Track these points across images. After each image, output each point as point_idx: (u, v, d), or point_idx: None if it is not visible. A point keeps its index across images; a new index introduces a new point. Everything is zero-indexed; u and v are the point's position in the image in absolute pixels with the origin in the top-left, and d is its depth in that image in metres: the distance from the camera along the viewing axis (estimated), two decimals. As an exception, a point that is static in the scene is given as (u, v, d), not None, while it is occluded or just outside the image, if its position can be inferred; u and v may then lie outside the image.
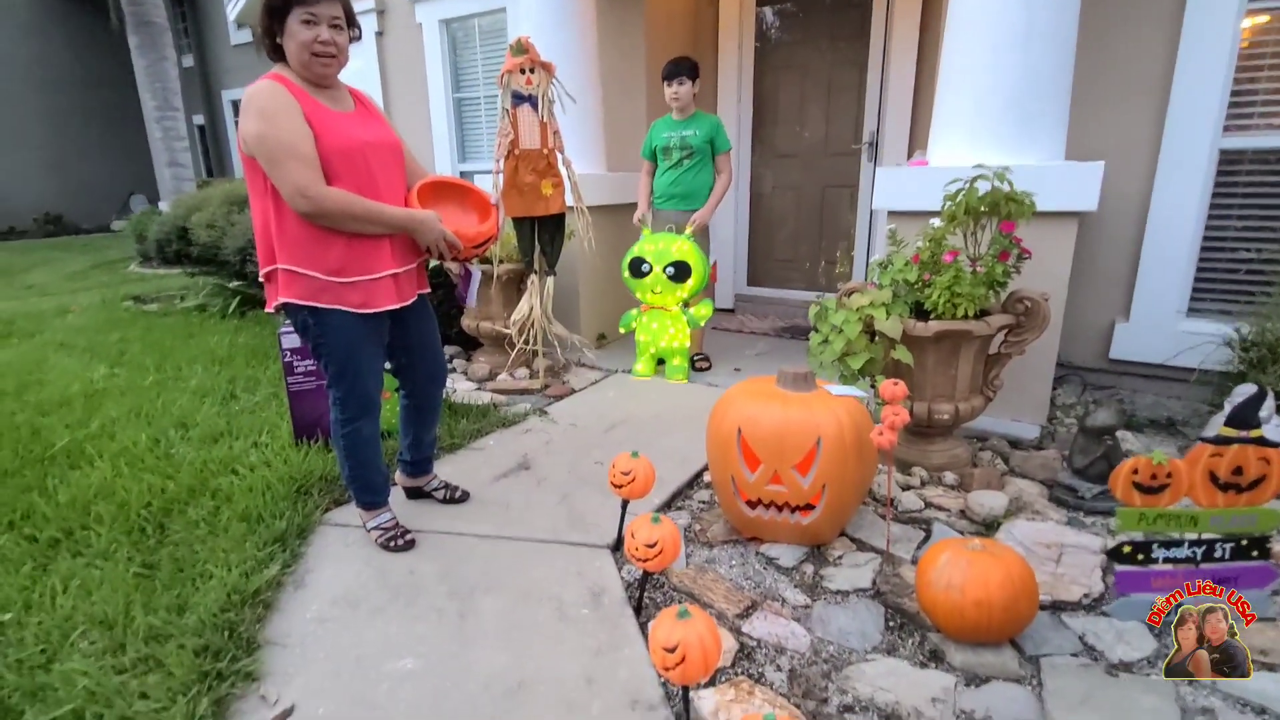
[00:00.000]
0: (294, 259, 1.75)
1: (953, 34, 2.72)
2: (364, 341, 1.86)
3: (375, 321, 1.87)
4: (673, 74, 3.43)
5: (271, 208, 1.73)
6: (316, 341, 1.84)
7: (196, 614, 1.66)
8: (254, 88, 1.68)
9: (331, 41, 1.71)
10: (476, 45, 5.31)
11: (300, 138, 1.66)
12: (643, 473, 1.94)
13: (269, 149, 1.65)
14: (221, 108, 12.48)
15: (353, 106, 1.86)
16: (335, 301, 1.78)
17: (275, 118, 1.64)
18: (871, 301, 2.30)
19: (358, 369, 1.87)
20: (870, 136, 4.46)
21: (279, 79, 1.71)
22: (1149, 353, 3.20)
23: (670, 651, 1.25)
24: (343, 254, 1.76)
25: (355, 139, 1.76)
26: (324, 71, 1.75)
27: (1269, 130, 2.96)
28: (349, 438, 1.94)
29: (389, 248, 1.84)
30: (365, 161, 1.78)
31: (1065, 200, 2.52)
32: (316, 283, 1.76)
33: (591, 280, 4.06)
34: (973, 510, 2.23)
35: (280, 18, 1.69)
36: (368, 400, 1.93)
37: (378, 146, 1.82)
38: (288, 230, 1.73)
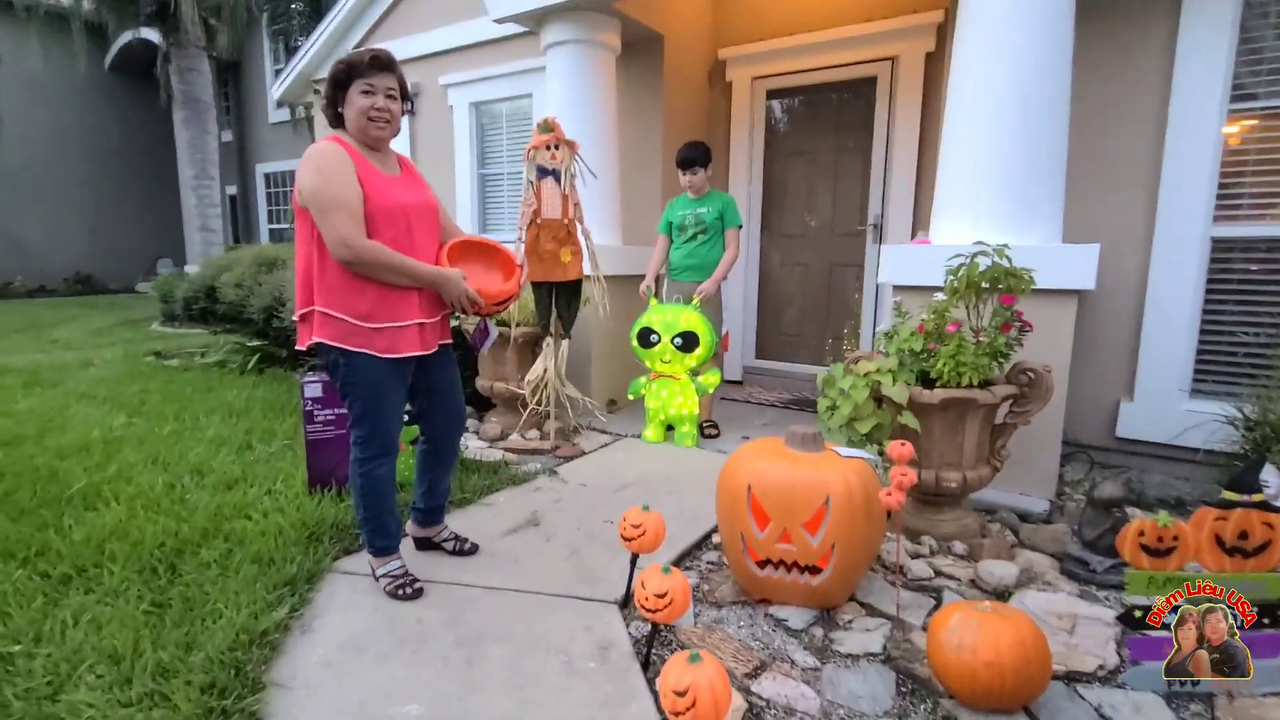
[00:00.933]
0: (329, 303, 1.89)
1: (952, 122, 2.92)
2: (388, 383, 1.96)
3: (400, 366, 1.98)
4: (687, 163, 3.69)
5: (315, 254, 1.89)
6: (344, 381, 1.94)
7: (204, 652, 1.65)
8: (316, 147, 1.88)
9: (386, 109, 1.92)
10: (503, 127, 5.65)
11: (350, 194, 1.84)
12: (653, 526, 1.96)
13: (321, 201, 1.82)
14: (254, 180, 13.11)
15: (399, 171, 2.06)
16: (363, 345, 1.90)
17: (330, 174, 1.83)
18: (878, 368, 2.38)
19: (380, 410, 1.97)
20: (875, 218, 4.66)
21: (339, 140, 1.91)
22: (1154, 432, 3.23)
23: (681, 695, 1.25)
24: (374, 302, 1.90)
25: (398, 200, 1.94)
26: (378, 135, 1.94)
27: (1257, 221, 3.10)
28: (366, 477, 2.00)
29: (416, 299, 1.98)
30: (405, 220, 1.95)
31: (1064, 279, 2.63)
32: (347, 326, 1.89)
33: (604, 347, 4.16)
34: (983, 579, 2.21)
35: (343, 87, 1.92)
36: (388, 441, 2.01)
37: (417, 208, 2.00)
38: (327, 276, 1.88)
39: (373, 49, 1.94)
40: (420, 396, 2.15)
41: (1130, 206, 3.28)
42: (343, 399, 1.99)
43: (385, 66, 1.93)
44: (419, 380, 2.09)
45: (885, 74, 4.54)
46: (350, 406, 1.98)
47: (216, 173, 9.46)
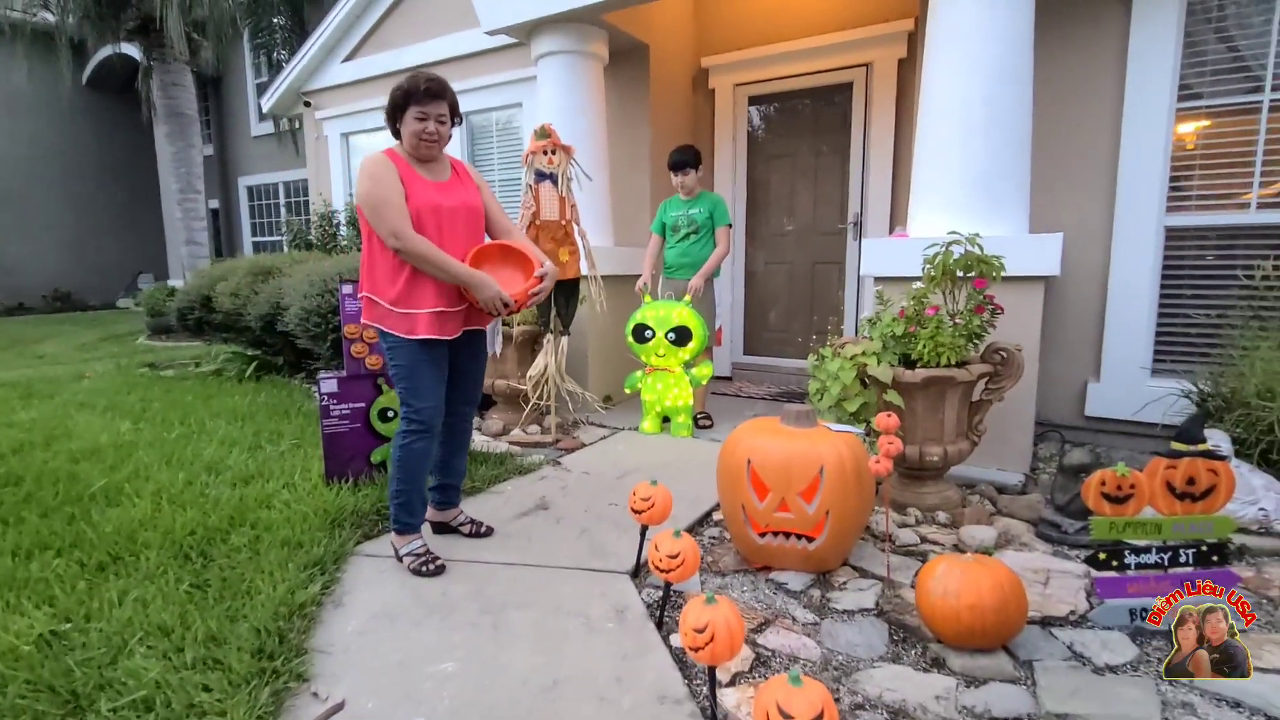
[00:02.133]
0: (373, 289, 2.19)
1: (925, 124, 3.12)
2: (421, 364, 2.17)
3: (433, 349, 2.19)
4: (679, 166, 3.87)
5: (369, 249, 2.20)
6: (390, 361, 2.21)
7: (249, 622, 1.77)
8: (369, 158, 2.15)
9: (436, 133, 2.17)
10: (494, 135, 5.80)
11: (395, 195, 2.09)
12: (661, 499, 2.10)
13: (371, 201, 2.09)
14: (237, 193, 13.09)
15: (448, 175, 2.27)
16: (391, 327, 2.16)
17: (380, 179, 2.10)
18: (864, 351, 2.55)
19: (416, 386, 2.18)
20: (854, 217, 4.87)
21: (389, 153, 2.19)
22: (1120, 409, 3.45)
23: (700, 632, 1.40)
24: (401, 291, 2.15)
25: (432, 203, 2.16)
26: (427, 154, 2.21)
27: (1203, 211, 3.34)
28: (404, 450, 2.19)
29: (433, 290, 2.18)
30: (437, 221, 2.17)
31: (1031, 266, 2.83)
32: (382, 309, 2.18)
33: (600, 344, 4.31)
34: (965, 543, 2.39)
35: (401, 110, 2.16)
36: (428, 419, 2.20)
37: (451, 210, 2.20)
38: (373, 267, 2.19)
39: (428, 75, 2.16)
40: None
41: (1091, 200, 3.51)
42: (392, 377, 2.24)
43: (438, 95, 2.14)
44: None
45: (860, 79, 4.76)
46: (396, 384, 2.21)
47: (202, 186, 9.48)
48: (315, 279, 4.24)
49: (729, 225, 3.96)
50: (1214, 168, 3.32)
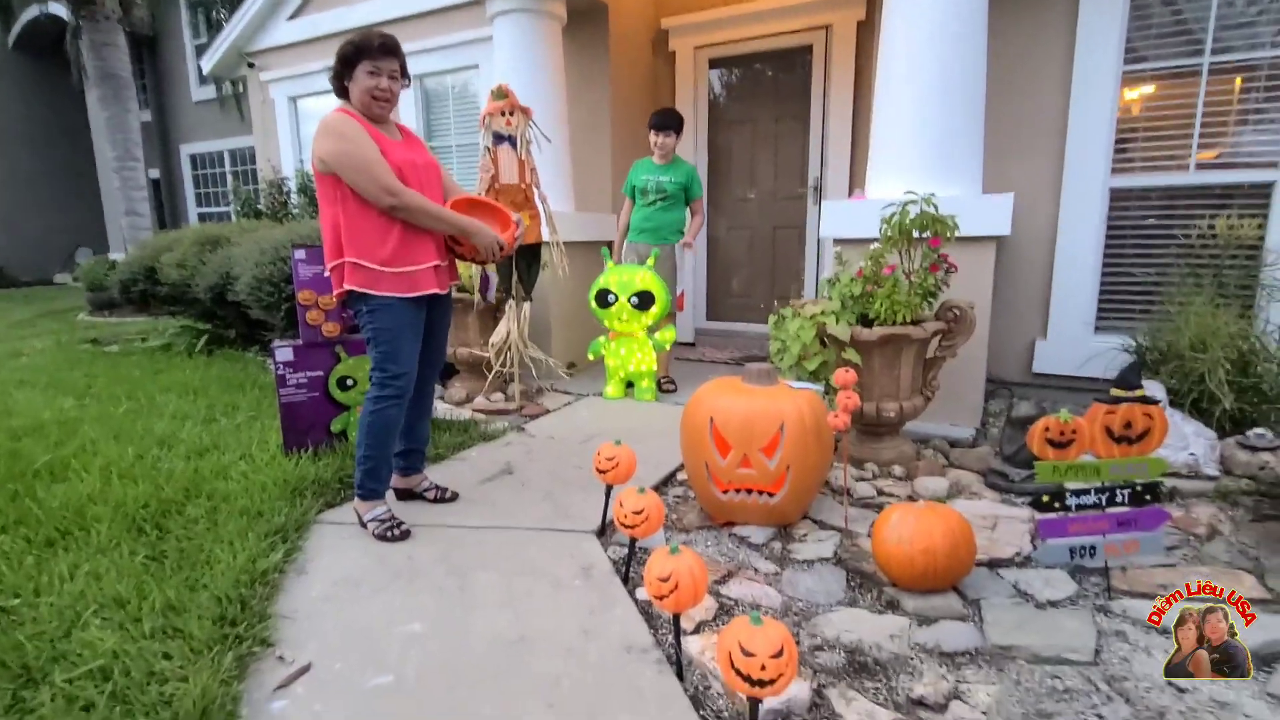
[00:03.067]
0: (357, 253, 2.09)
1: (883, 88, 3.14)
2: (406, 328, 2.15)
3: (416, 310, 2.17)
4: (663, 126, 3.79)
5: (341, 212, 2.08)
6: (369, 325, 2.14)
7: (210, 590, 1.75)
8: (331, 117, 2.06)
9: (389, 89, 2.10)
10: (449, 98, 5.64)
11: (377, 151, 2.03)
12: (625, 459, 2.13)
13: (355, 160, 2.01)
14: (179, 161, 12.50)
15: (399, 137, 2.22)
16: (389, 289, 2.10)
17: (354, 138, 2.02)
18: (823, 310, 2.60)
19: (400, 352, 2.15)
20: (814, 181, 4.90)
21: (347, 112, 2.09)
22: (1066, 365, 3.58)
23: (664, 581, 1.43)
24: (394, 249, 2.10)
25: (406, 160, 2.12)
26: (380, 113, 2.13)
27: (1146, 172, 3.45)
28: (376, 415, 2.16)
29: (432, 243, 2.17)
30: (415, 178, 2.13)
31: (983, 226, 2.89)
32: (373, 273, 2.09)
33: (562, 311, 4.29)
34: (919, 494, 2.48)
35: (350, 66, 2.08)
36: (404, 384, 2.18)
37: (422, 167, 2.19)
38: (353, 230, 2.08)
39: (380, 32, 2.09)
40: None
41: (1042, 162, 3.59)
42: (368, 345, 2.17)
43: (390, 51, 2.08)
44: None
45: (820, 42, 4.75)
46: (373, 349, 2.16)
47: (140, 153, 8.99)
48: (266, 247, 4.11)
49: (701, 197, 3.99)
50: (1157, 130, 3.42)
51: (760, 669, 1.16)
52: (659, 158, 3.88)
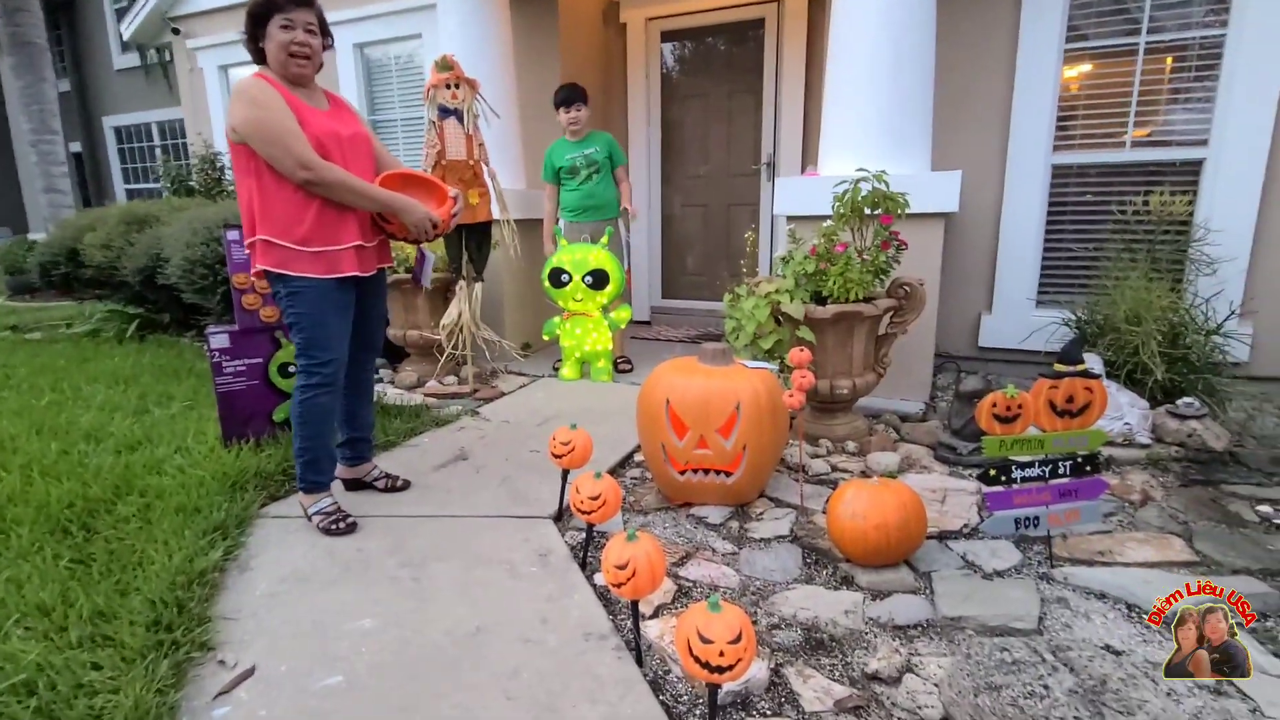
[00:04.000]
0: (270, 230, 1.94)
1: (834, 65, 3.12)
2: (330, 311, 2.02)
3: (341, 292, 2.03)
4: (569, 100, 3.72)
5: (255, 186, 1.93)
6: (288, 309, 2.00)
7: (143, 594, 1.66)
8: (243, 82, 1.90)
9: (306, 43, 1.95)
10: (393, 70, 5.41)
11: (292, 119, 1.88)
12: (581, 443, 2.09)
13: (267, 130, 1.86)
14: (103, 135, 11.74)
15: (326, 105, 2.08)
16: (304, 269, 1.96)
17: (267, 104, 1.87)
18: (777, 289, 2.59)
19: (323, 337, 2.02)
20: (767, 157, 4.89)
21: (264, 77, 1.93)
22: (1010, 339, 3.69)
23: (621, 568, 1.41)
24: (312, 227, 1.95)
25: (329, 130, 1.97)
26: (300, 71, 1.97)
27: (1085, 149, 3.55)
28: (306, 405, 2.05)
29: (355, 222, 2.03)
30: (339, 150, 1.99)
31: (932, 203, 2.92)
32: (288, 252, 1.95)
33: (515, 290, 4.20)
34: (871, 469, 2.52)
35: (262, 23, 1.93)
36: (332, 371, 2.06)
37: (349, 139, 2.04)
38: (268, 206, 1.94)
39: None
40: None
41: (987, 140, 3.65)
42: (288, 329, 2.04)
43: (304, 2, 1.94)
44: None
45: (772, 16, 4.71)
46: (295, 335, 2.03)
47: (59, 126, 8.39)
48: (198, 226, 3.89)
49: (625, 163, 3.98)
50: (1096, 108, 3.51)
51: (719, 655, 1.15)
52: (572, 134, 3.83)
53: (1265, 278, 3.23)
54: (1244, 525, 2.09)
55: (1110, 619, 1.66)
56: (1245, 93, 3.16)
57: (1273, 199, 3.18)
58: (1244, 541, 1.98)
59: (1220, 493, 2.32)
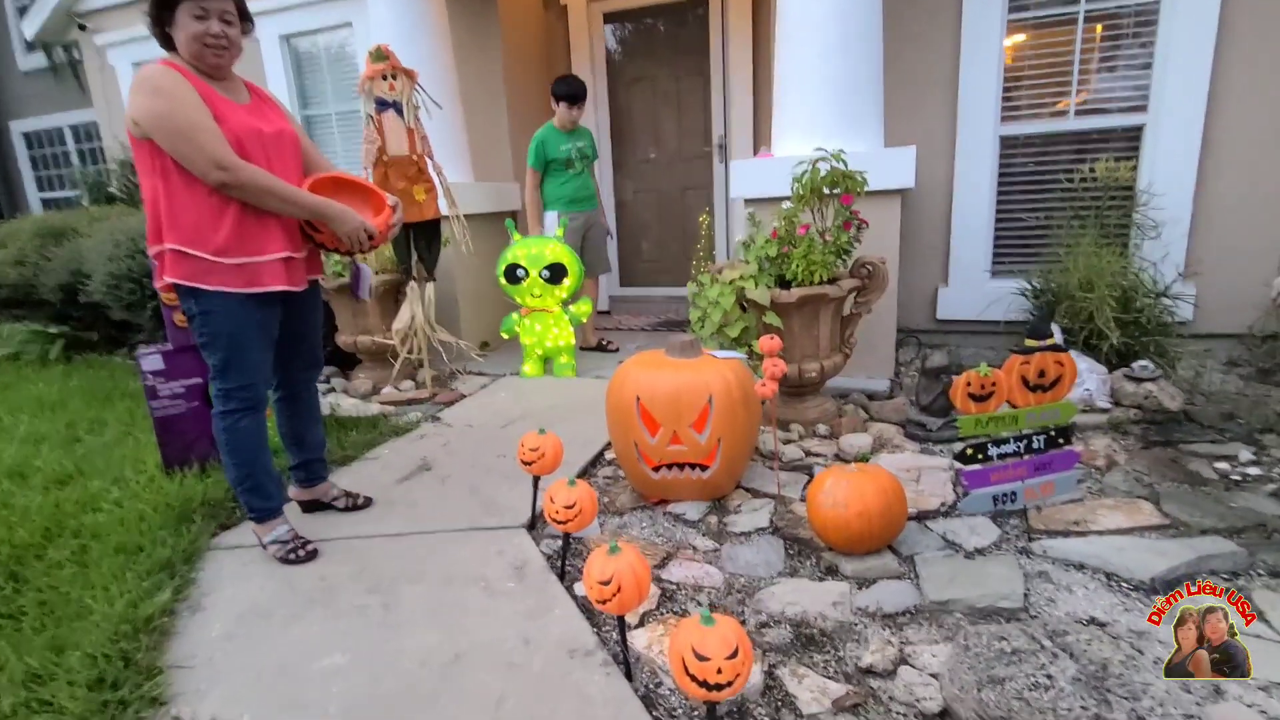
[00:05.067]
0: (181, 239, 1.72)
1: (784, 44, 3.06)
2: (250, 329, 1.82)
3: (264, 309, 1.84)
4: (574, 98, 3.78)
5: (161, 187, 1.71)
6: (201, 328, 1.80)
7: (83, 650, 1.51)
8: (147, 70, 1.68)
9: (223, 34, 1.74)
10: (323, 62, 5.14)
11: (205, 114, 1.68)
12: (551, 448, 2.01)
13: (174, 124, 1.64)
14: (10, 141, 10.93)
15: (248, 99, 1.88)
16: (221, 283, 1.76)
17: (177, 97, 1.65)
18: (741, 275, 2.54)
19: (243, 359, 1.83)
20: (719, 139, 4.83)
21: (172, 65, 1.72)
22: (966, 310, 3.74)
23: (605, 584, 1.35)
24: (230, 235, 1.75)
25: (249, 127, 1.77)
26: (216, 63, 1.76)
27: (1031, 119, 3.59)
28: (231, 432, 1.87)
29: (279, 231, 1.83)
30: (261, 150, 1.79)
31: (888, 180, 2.91)
32: (202, 263, 1.74)
33: (469, 288, 4.06)
34: (844, 451, 2.51)
35: (169, 7, 1.70)
36: (254, 394, 1.88)
37: (273, 136, 1.84)
38: (176, 210, 1.72)
39: None
40: (278, 339, 1.97)
41: (937, 113, 3.66)
42: (201, 348, 1.84)
43: None
44: (281, 320, 1.95)
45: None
46: (209, 356, 1.83)
47: (-45, 133, 7.77)
48: (121, 238, 3.63)
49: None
50: (1040, 78, 3.55)
51: (716, 673, 1.10)
52: (567, 126, 3.85)
53: (1205, 238, 3.33)
54: (1205, 484, 2.15)
55: (1091, 589, 1.67)
56: (1181, 58, 3.23)
57: (1210, 162, 3.27)
58: (1207, 500, 2.03)
59: (1179, 452, 2.38)
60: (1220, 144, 3.24)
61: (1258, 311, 3.22)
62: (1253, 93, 3.16)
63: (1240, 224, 3.26)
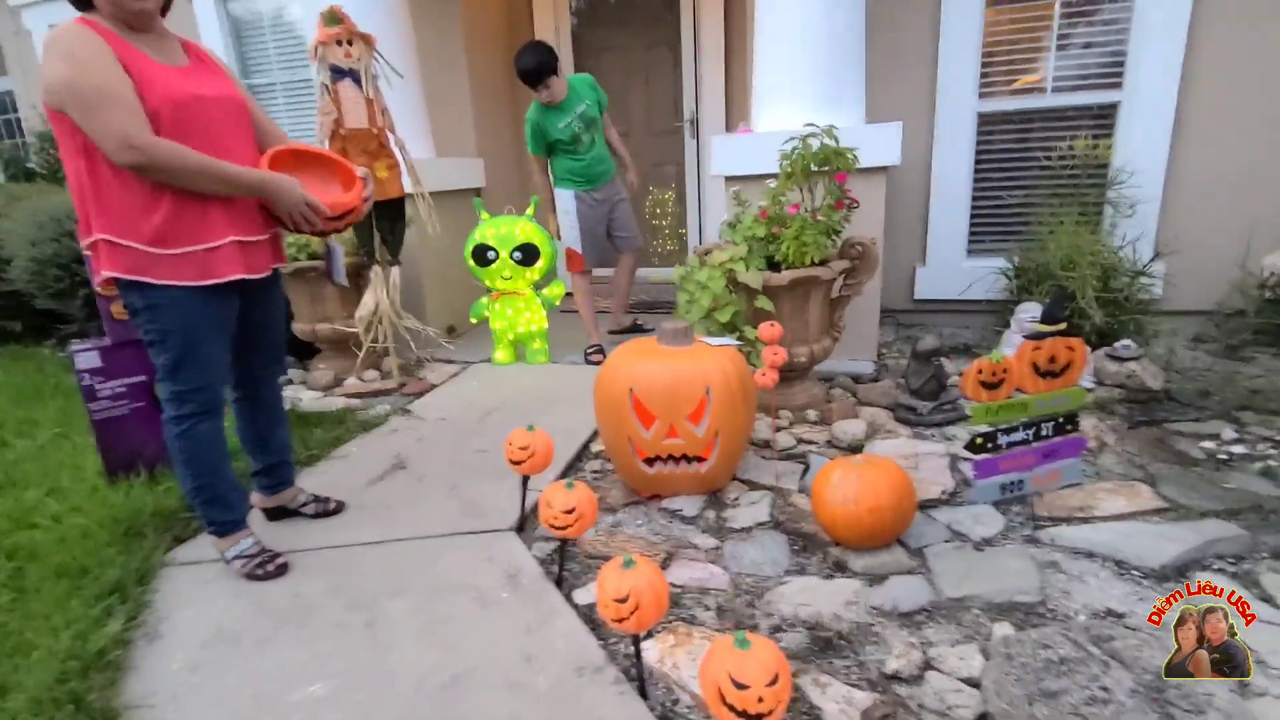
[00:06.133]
0: (113, 228, 1.52)
1: (765, 11, 2.93)
2: (205, 325, 1.63)
3: (220, 301, 1.65)
4: (538, 76, 3.10)
5: (85, 168, 1.51)
6: (148, 325, 1.60)
7: (26, 693, 1.34)
8: (58, 31, 1.46)
9: None
10: (266, 27, 4.76)
11: (118, 81, 1.45)
12: (542, 446, 1.89)
13: (83, 96, 1.42)
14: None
15: (185, 60, 1.64)
16: (169, 276, 1.56)
17: (86, 61, 1.44)
18: (731, 257, 2.44)
19: (197, 358, 1.63)
20: (690, 114, 4.68)
21: (86, 22, 1.49)
22: (944, 290, 3.72)
23: (622, 602, 1.24)
24: (166, 221, 1.54)
25: (184, 92, 1.54)
26: (138, 7, 1.52)
27: (1009, 96, 3.56)
28: (186, 438, 1.67)
29: (222, 212, 1.61)
30: (202, 119, 1.57)
31: (876, 156, 2.82)
32: (142, 255, 1.54)
33: (434, 270, 3.85)
34: (838, 438, 2.45)
35: None
36: (210, 395, 1.69)
37: (215, 102, 1.61)
38: (104, 194, 1.52)
39: None
40: (236, 332, 1.78)
41: (916, 89, 3.59)
42: (150, 348, 1.63)
43: None
44: (239, 313, 1.75)
45: (686, -38, 4.44)
46: (157, 356, 1.62)
47: None
48: (45, 219, 3.29)
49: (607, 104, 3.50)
50: (1017, 53, 3.51)
51: (758, 701, 1.01)
52: (554, 99, 3.24)
53: (1176, 216, 3.36)
54: (1195, 464, 2.16)
55: (1103, 579, 1.64)
56: (1155, 33, 3.22)
57: (1181, 140, 3.30)
58: (1201, 482, 2.03)
59: (1165, 432, 2.40)
60: (1191, 123, 3.27)
61: (1226, 289, 3.28)
62: (1224, 72, 3.18)
63: (1210, 202, 3.30)
